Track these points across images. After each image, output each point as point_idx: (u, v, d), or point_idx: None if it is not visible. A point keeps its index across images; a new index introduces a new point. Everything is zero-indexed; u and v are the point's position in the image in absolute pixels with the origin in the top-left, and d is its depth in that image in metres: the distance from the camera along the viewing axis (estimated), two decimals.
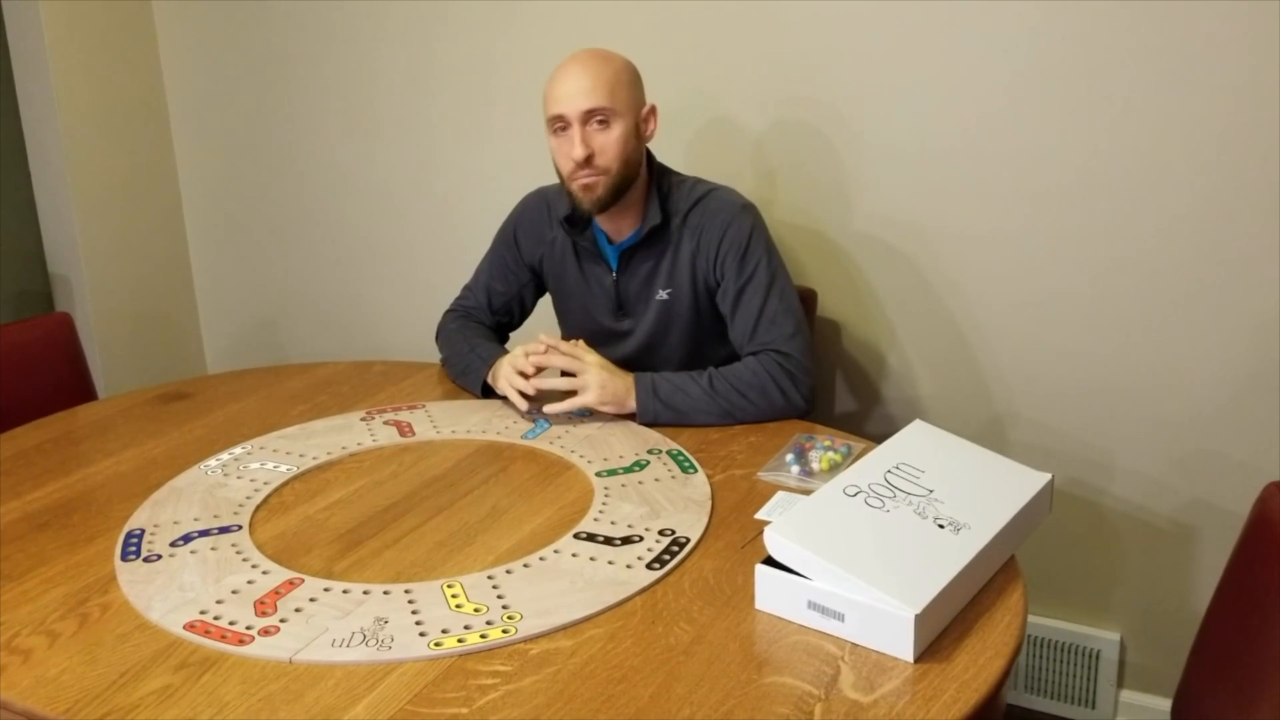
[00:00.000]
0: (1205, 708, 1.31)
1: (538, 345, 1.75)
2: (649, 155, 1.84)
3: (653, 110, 1.81)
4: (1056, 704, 2.17)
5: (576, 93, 1.70)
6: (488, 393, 1.83)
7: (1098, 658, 2.10)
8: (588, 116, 1.70)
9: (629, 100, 1.74)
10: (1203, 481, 1.96)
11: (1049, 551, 2.08)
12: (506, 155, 2.45)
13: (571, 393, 1.72)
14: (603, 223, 1.85)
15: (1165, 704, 2.07)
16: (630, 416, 1.72)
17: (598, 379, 1.70)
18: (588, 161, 1.71)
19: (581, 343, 1.76)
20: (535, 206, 1.95)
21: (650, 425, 1.70)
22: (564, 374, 1.75)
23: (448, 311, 2.01)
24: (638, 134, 1.77)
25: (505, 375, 1.77)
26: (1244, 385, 1.89)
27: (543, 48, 2.32)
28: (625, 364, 1.84)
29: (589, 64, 1.72)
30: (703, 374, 1.72)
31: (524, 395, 1.73)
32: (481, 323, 1.98)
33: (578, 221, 1.85)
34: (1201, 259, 1.87)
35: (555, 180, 1.97)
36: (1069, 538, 2.07)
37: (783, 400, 1.72)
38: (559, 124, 1.73)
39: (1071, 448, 2.05)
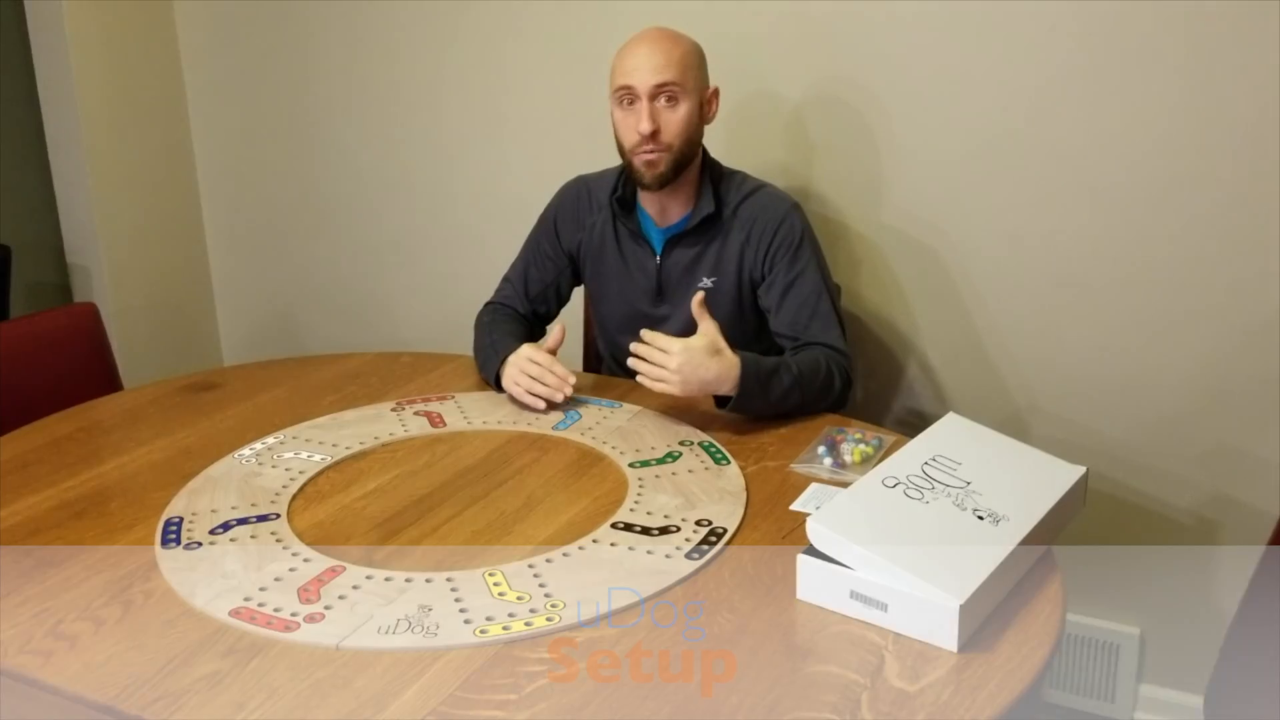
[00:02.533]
0: (1240, 704, 1.32)
1: (542, 355, 1.75)
2: (703, 147, 1.85)
3: (715, 93, 1.83)
4: (1076, 697, 2.18)
5: (648, 67, 1.71)
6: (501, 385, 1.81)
7: (1118, 652, 2.11)
8: (657, 91, 1.72)
9: (697, 80, 1.76)
10: (1225, 477, 1.97)
11: (1070, 545, 2.08)
12: (525, 147, 2.45)
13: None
14: (649, 205, 1.85)
15: (1185, 698, 2.08)
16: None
17: (690, 372, 1.60)
18: (653, 136, 1.72)
19: (655, 334, 1.65)
20: (574, 193, 1.95)
21: (736, 409, 1.66)
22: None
23: (485, 304, 2.01)
24: (701, 115, 1.78)
25: (513, 377, 1.75)
26: (1269, 381, 1.90)
27: (564, 39, 2.33)
28: None
29: (661, 41, 1.73)
30: (788, 369, 1.68)
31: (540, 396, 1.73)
32: (516, 311, 1.97)
33: (625, 202, 1.86)
34: (1225, 255, 1.88)
35: (571, 173, 1.98)
36: (1090, 532, 2.08)
37: (834, 394, 1.75)
38: (627, 96, 1.74)
39: (1093, 442, 2.06)
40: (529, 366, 1.74)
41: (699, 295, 1.65)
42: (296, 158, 2.77)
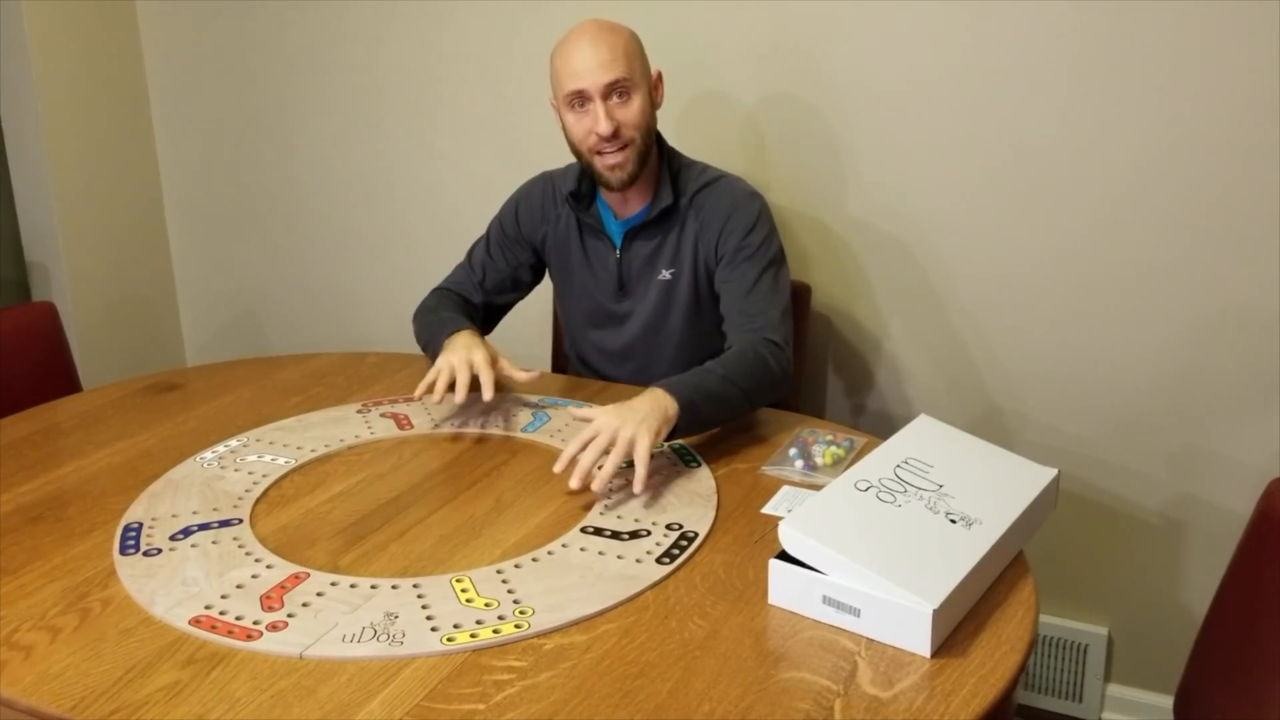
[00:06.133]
0: (1210, 705, 1.32)
1: (485, 363, 1.66)
2: (658, 133, 1.83)
3: (659, 76, 1.80)
4: (1044, 697, 2.18)
5: (595, 66, 1.67)
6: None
7: (1085, 652, 2.12)
8: (609, 89, 1.69)
9: (642, 68, 1.74)
10: (1193, 477, 1.98)
11: (1038, 546, 2.09)
12: (495, 144, 2.43)
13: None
14: (609, 198, 1.83)
15: (1153, 698, 2.09)
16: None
17: (610, 420, 1.45)
18: (614, 135, 1.69)
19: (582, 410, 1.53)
20: (540, 187, 1.93)
21: (688, 425, 1.53)
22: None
23: (433, 290, 1.96)
24: (652, 102, 1.76)
25: (452, 361, 1.66)
26: (1235, 382, 1.91)
27: (537, 34, 2.30)
28: (625, 349, 1.84)
29: (601, 36, 1.69)
30: (709, 370, 1.59)
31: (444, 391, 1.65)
32: (466, 298, 1.93)
33: (583, 197, 1.84)
34: (1194, 257, 1.88)
35: (547, 168, 1.96)
36: (1058, 532, 2.09)
37: (773, 377, 1.64)
38: (578, 99, 1.70)
39: (1063, 443, 2.06)
40: (466, 363, 1.66)
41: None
42: (260, 157, 2.73)
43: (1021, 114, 1.94)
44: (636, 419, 1.45)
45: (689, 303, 1.83)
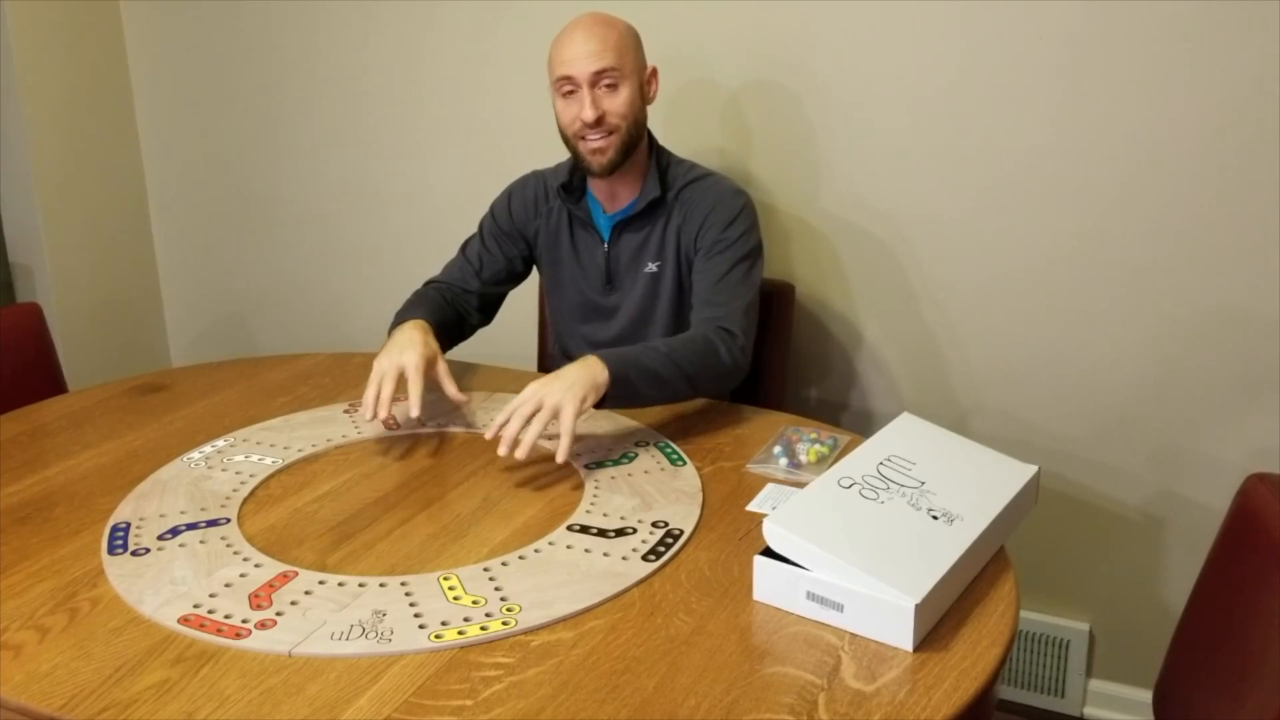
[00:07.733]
0: (1187, 698, 1.34)
1: (417, 371, 1.62)
2: (648, 131, 1.85)
3: (654, 72, 1.83)
4: (1026, 693, 2.20)
5: (585, 55, 1.71)
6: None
7: (1067, 647, 2.14)
8: (597, 78, 1.72)
9: (635, 62, 1.77)
10: (1173, 474, 2.00)
11: (1019, 542, 2.11)
12: (479, 144, 2.44)
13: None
14: (598, 192, 1.86)
15: (1134, 693, 2.11)
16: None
17: (538, 388, 1.49)
18: (598, 123, 1.72)
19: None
20: (531, 182, 1.96)
21: (619, 397, 1.56)
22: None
23: (425, 283, 1.96)
24: (642, 96, 1.79)
25: (381, 366, 1.62)
26: (1215, 380, 1.93)
27: (523, 35, 2.32)
28: (613, 342, 1.86)
29: (595, 27, 1.73)
30: (654, 347, 1.62)
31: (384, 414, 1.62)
32: (463, 288, 1.93)
33: (574, 190, 1.86)
34: (1176, 255, 1.90)
35: (533, 168, 1.97)
36: (1040, 529, 2.11)
37: (723, 366, 1.66)
38: (567, 86, 1.74)
39: (1044, 440, 2.08)
40: (397, 369, 1.62)
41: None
42: (245, 157, 2.73)
43: (1008, 113, 1.96)
44: (563, 386, 1.48)
45: (673, 295, 1.85)
